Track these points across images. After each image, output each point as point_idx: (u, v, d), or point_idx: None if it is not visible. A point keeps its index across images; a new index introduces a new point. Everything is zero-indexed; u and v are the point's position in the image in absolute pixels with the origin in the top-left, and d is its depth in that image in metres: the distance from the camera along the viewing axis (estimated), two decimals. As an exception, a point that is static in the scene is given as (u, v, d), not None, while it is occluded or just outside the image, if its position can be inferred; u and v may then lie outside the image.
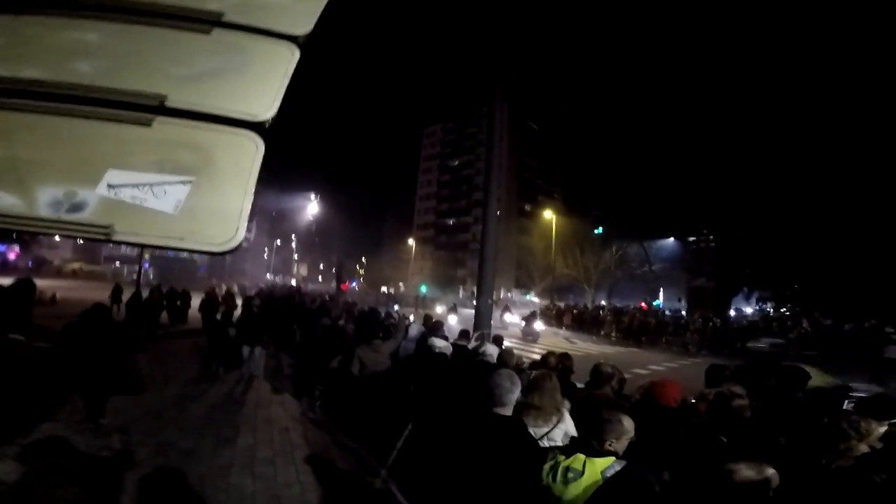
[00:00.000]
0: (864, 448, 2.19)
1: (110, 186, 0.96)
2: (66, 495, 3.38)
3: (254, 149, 1.06)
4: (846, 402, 5.46)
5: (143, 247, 1.06)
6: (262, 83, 1.20)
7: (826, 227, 26.34)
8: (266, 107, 1.15)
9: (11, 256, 27.48)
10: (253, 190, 1.01)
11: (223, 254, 0.94)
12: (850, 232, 24.97)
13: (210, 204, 0.98)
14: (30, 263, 31.06)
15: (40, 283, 15.24)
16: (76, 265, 39.04)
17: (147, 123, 1.07)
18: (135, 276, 19.71)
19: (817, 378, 4.42)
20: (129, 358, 5.08)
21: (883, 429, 2.56)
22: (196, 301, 12.88)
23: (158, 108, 1.11)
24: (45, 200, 0.93)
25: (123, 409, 5.13)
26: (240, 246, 0.96)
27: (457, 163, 65.59)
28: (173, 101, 1.12)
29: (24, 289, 9.12)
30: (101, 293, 15.01)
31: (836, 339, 16.14)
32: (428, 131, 71.22)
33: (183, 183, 0.97)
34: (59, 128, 1.04)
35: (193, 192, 0.97)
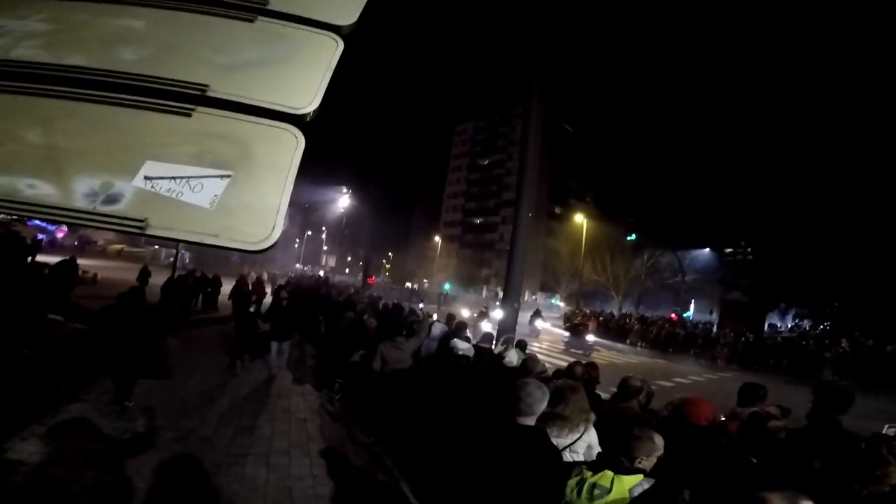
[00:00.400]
0: None
1: (147, 178, 0.94)
2: (84, 478, 3.46)
3: (293, 143, 1.03)
4: (887, 427, 5.12)
5: (177, 241, 1.05)
6: (305, 75, 1.17)
7: (870, 243, 24.90)
8: (307, 100, 1.12)
9: (59, 235, 28.82)
10: (291, 186, 0.97)
11: (259, 252, 0.91)
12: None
13: (247, 200, 0.95)
14: (76, 243, 32.52)
15: (84, 262, 16.06)
16: (119, 246, 40.68)
17: (187, 114, 1.05)
18: (172, 260, 20.41)
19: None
20: (160, 342, 5.21)
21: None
22: (227, 287, 13.17)
23: (200, 97, 1.08)
24: (81, 191, 0.92)
25: (150, 392, 5.28)
26: (276, 244, 0.93)
27: (487, 162, 65.18)
28: (215, 91, 1.09)
29: (66, 269, 9.56)
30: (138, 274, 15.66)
31: (877, 361, 15.25)
32: (459, 129, 71.03)
33: (220, 177, 0.95)
34: (100, 116, 1.02)
35: (230, 187, 0.95)
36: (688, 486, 2.51)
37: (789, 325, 30.80)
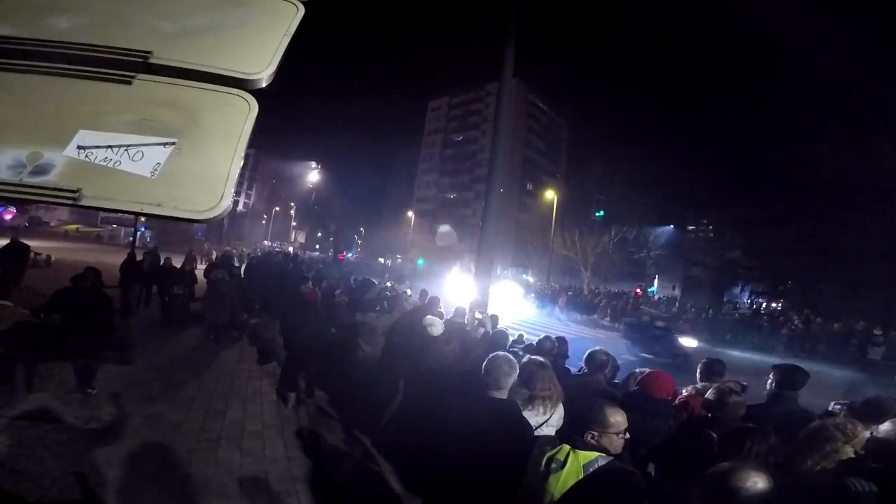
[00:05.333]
0: (849, 451, 2.16)
1: (80, 148, 0.86)
2: (52, 468, 3.34)
3: (245, 109, 0.96)
4: (833, 404, 5.47)
5: (115, 212, 0.97)
6: (260, 40, 1.10)
7: (823, 225, 26.32)
8: (262, 65, 1.05)
9: (7, 217, 27.04)
10: (243, 153, 0.91)
11: (206, 221, 0.84)
12: (847, 232, 24.95)
13: (193, 168, 0.88)
14: (26, 225, 30.62)
15: (36, 244, 15.13)
16: (73, 226, 38.63)
17: (127, 81, 0.97)
18: (131, 239, 19.50)
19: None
20: (121, 325, 4.98)
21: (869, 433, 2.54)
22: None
23: (141, 65, 1.00)
24: (5, 162, 0.84)
25: (113, 378, 5.08)
26: (226, 213, 0.86)
27: (461, 138, 64.67)
28: (159, 58, 1.01)
29: (15, 253, 8.97)
30: (96, 255, 14.90)
31: (825, 338, 16.31)
32: (433, 105, 69.96)
33: (163, 145, 0.88)
34: (28, 86, 0.94)
35: (174, 155, 0.88)
36: (651, 459, 2.61)
37: (745, 302, 32.41)
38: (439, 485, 2.25)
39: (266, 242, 58.22)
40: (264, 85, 1.03)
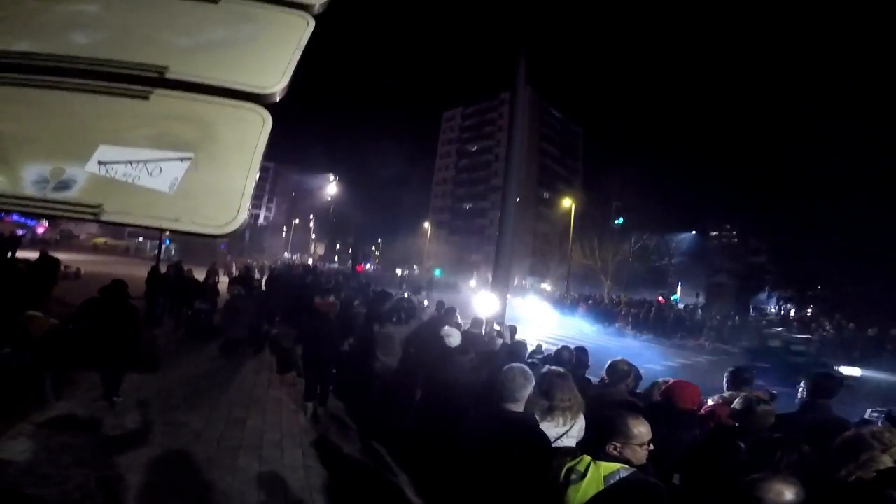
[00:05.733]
0: (887, 461, 2.05)
1: (101, 163, 0.88)
2: (74, 476, 3.40)
3: (260, 123, 0.97)
4: (870, 411, 5.23)
5: (134, 227, 1.00)
6: (272, 54, 1.12)
7: (856, 228, 25.41)
8: (275, 79, 1.06)
9: (40, 230, 28.23)
10: (258, 167, 0.92)
11: (223, 236, 0.86)
12: (880, 235, 24.04)
13: (209, 182, 0.90)
14: (57, 238, 31.84)
15: (67, 257, 15.72)
16: (101, 240, 39.98)
17: (144, 96, 0.99)
18: (159, 252, 20.01)
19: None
20: (147, 335, 5.11)
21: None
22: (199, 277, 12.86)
23: (158, 80, 1.03)
24: (29, 178, 0.86)
25: (138, 387, 5.21)
26: (243, 227, 0.87)
27: (475, 147, 64.96)
28: (175, 73, 1.04)
29: (45, 266, 9.30)
30: (123, 268, 15.33)
31: (858, 344, 15.67)
32: (447, 115, 70.60)
33: (181, 160, 0.89)
34: (49, 102, 0.97)
35: (191, 170, 0.89)
36: (677, 470, 2.52)
37: (773, 309, 31.41)
38: (456, 497, 2.22)
39: (286, 255, 59.17)
40: (278, 99, 1.04)
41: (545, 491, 1.98)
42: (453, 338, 4.59)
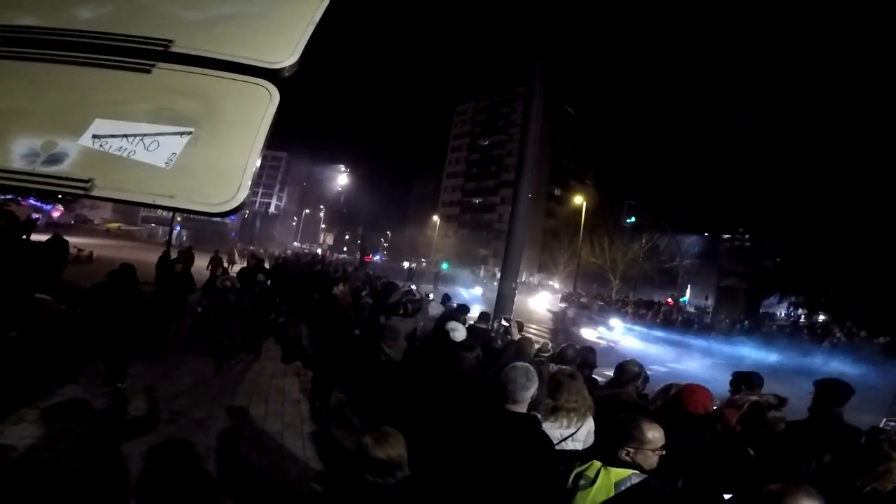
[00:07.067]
0: None
1: (95, 137, 0.83)
2: (72, 462, 3.40)
3: (267, 99, 0.92)
4: (885, 420, 5.12)
5: (127, 203, 0.96)
6: (284, 29, 1.06)
7: (866, 236, 24.94)
8: (286, 54, 1.01)
9: (56, 214, 28.73)
10: (262, 144, 0.86)
11: (221, 215, 0.80)
12: (894, 243, 23.57)
13: (209, 159, 0.84)
14: (71, 222, 32.34)
15: (81, 241, 15.89)
16: (115, 224, 40.62)
17: (146, 70, 0.94)
18: (170, 238, 20.14)
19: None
20: (154, 322, 5.07)
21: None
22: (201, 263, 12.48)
23: (162, 53, 0.98)
24: (19, 152, 0.82)
25: (143, 374, 5.20)
26: (244, 207, 0.82)
27: (487, 142, 64.58)
28: (180, 47, 0.98)
29: (55, 247, 9.29)
30: (135, 253, 15.48)
31: (868, 352, 15.41)
32: (460, 108, 70.24)
33: (180, 134, 0.84)
34: (46, 76, 0.92)
35: (191, 145, 0.84)
36: (682, 475, 2.46)
37: (782, 314, 30.96)
38: (457, 496, 2.17)
39: (296, 244, 59.57)
40: (287, 75, 0.99)
41: (552, 496, 1.93)
42: (458, 332, 4.53)
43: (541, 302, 26.05)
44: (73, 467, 3.35)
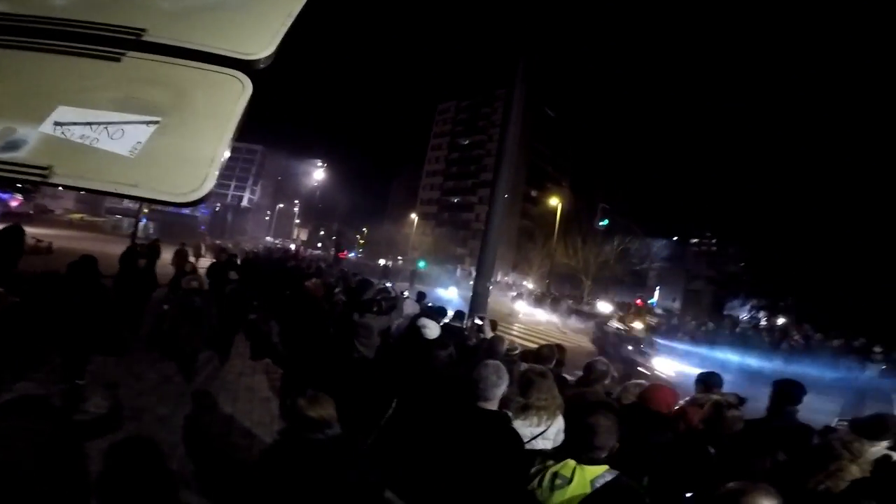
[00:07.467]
0: (855, 470, 2.09)
1: (57, 125, 0.81)
2: (25, 462, 3.24)
3: (239, 89, 0.91)
4: (837, 420, 5.39)
5: (87, 191, 0.93)
6: (260, 21, 1.05)
7: (826, 241, 26.29)
8: (261, 46, 1.00)
9: (14, 204, 27.33)
10: (232, 135, 0.85)
11: (187, 205, 0.79)
12: (850, 249, 24.91)
13: (176, 148, 0.83)
14: (30, 212, 30.81)
15: (40, 231, 15.15)
16: (77, 215, 38.92)
17: (115, 58, 0.92)
18: (136, 230, 19.43)
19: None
20: (117, 316, 4.86)
21: (875, 449, 2.47)
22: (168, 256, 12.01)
23: (133, 42, 0.95)
24: None
25: (103, 370, 4.99)
26: (209, 197, 0.80)
27: (468, 142, 64.84)
28: (152, 36, 0.97)
29: (10, 237, 8.78)
30: (98, 245, 14.84)
31: (823, 354, 16.19)
32: (441, 108, 70.33)
33: (146, 124, 0.83)
34: (10, 62, 0.90)
35: (158, 135, 0.83)
36: (647, 473, 2.54)
37: (745, 317, 32.23)
38: (430, 494, 2.19)
39: (269, 238, 58.34)
40: (262, 67, 0.98)
41: (522, 491, 1.97)
42: (430, 329, 4.52)
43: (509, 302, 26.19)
44: (30, 466, 3.20)
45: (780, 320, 26.77)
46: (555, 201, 35.17)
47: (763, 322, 29.09)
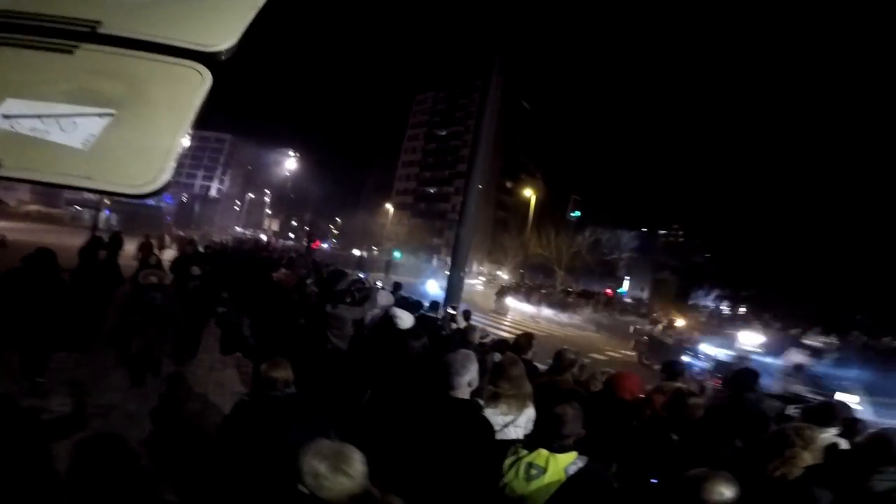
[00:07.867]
0: (808, 457, 2.21)
1: (5, 117, 0.79)
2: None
3: (198, 81, 0.89)
4: (792, 408, 5.69)
5: (39, 184, 0.91)
6: (223, 12, 1.03)
7: (786, 234, 27.58)
8: (222, 38, 0.97)
9: (-37, 198, 25.58)
10: (189, 126, 0.84)
11: (142, 197, 0.78)
12: (808, 241, 26.21)
13: (131, 140, 0.82)
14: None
15: (-7, 225, 14.15)
16: (34, 207, 36.93)
17: (68, 51, 0.89)
18: (96, 222, 18.57)
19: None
20: (77, 310, 4.65)
21: (825, 435, 2.64)
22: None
23: (87, 34, 0.92)
24: None
25: (65, 367, 4.79)
26: (165, 189, 0.79)
27: (444, 132, 64.61)
28: (108, 28, 0.94)
29: None
30: (56, 237, 14.11)
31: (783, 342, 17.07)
32: (419, 98, 69.75)
33: (100, 116, 0.81)
34: None
35: (112, 127, 0.81)
36: (614, 460, 2.64)
37: (709, 306, 33.55)
38: (404, 483, 2.22)
39: (238, 229, 56.90)
40: (224, 58, 0.96)
41: (493, 478, 2.02)
42: (403, 319, 4.53)
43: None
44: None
45: (742, 310, 28.01)
46: (529, 192, 35.53)
47: (726, 311, 30.32)
